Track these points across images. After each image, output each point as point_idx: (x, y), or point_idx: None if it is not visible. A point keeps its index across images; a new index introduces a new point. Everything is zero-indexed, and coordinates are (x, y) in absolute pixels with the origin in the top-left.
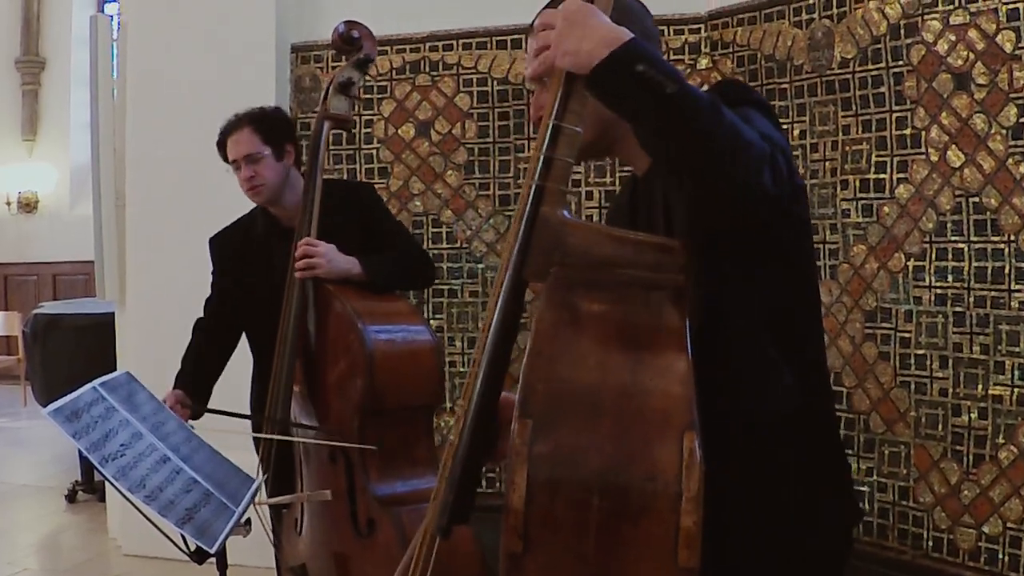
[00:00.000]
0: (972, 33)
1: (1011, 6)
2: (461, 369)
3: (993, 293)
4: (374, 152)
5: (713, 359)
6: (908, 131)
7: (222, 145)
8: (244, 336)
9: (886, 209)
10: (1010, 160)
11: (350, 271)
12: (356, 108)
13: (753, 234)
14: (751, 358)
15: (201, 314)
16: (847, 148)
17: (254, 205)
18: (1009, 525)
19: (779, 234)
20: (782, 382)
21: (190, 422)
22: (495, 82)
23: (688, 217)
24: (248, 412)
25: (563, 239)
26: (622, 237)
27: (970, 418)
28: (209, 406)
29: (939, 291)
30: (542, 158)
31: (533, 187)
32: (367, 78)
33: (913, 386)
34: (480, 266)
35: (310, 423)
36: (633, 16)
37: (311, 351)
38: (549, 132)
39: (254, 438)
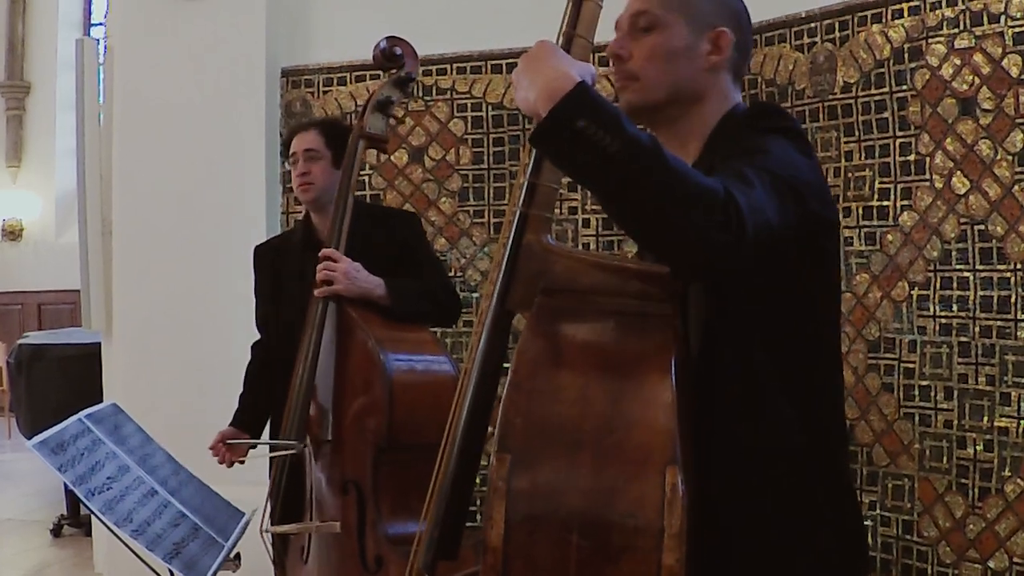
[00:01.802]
0: (977, 57)
1: (1017, 29)
2: None
3: (999, 323)
4: (367, 179)
5: (710, 387)
6: (912, 157)
7: (288, 142)
8: None
9: (890, 237)
10: (1016, 187)
11: (372, 291)
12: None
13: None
14: (747, 388)
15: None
16: (850, 175)
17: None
18: (1016, 560)
19: (778, 268)
20: (781, 415)
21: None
22: (490, 107)
23: None
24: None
25: (547, 267)
26: (607, 264)
27: (976, 450)
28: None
29: (944, 321)
30: (525, 184)
31: (517, 214)
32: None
33: (917, 418)
34: (475, 295)
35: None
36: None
37: (328, 376)
38: (532, 160)
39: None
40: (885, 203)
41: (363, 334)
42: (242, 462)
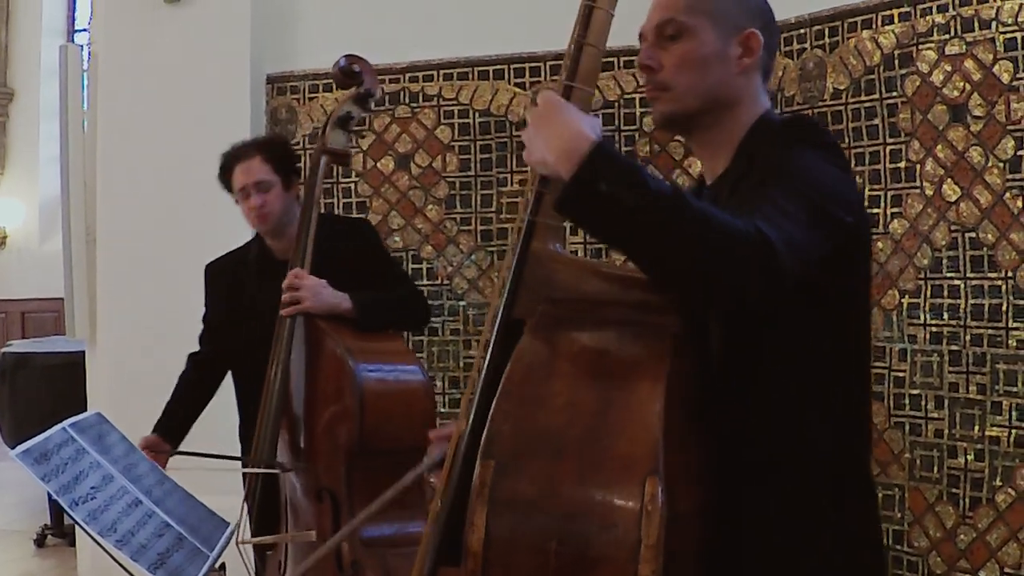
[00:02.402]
0: (968, 63)
1: (1008, 35)
2: (442, 410)
3: (990, 331)
4: (352, 186)
5: (732, 397)
6: (902, 164)
7: (227, 171)
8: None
9: (880, 245)
10: (1007, 194)
11: (338, 306)
12: (355, 143)
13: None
14: (771, 397)
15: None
16: None
17: (228, 236)
18: (1006, 571)
19: (807, 287)
20: (807, 425)
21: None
22: (477, 114)
23: None
24: (234, 452)
25: (552, 275)
26: (611, 274)
27: (966, 460)
28: (191, 448)
29: (934, 329)
30: (534, 192)
31: (524, 222)
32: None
33: (908, 427)
34: (462, 303)
35: (293, 463)
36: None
37: (300, 388)
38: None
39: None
40: (875, 210)
41: (333, 343)
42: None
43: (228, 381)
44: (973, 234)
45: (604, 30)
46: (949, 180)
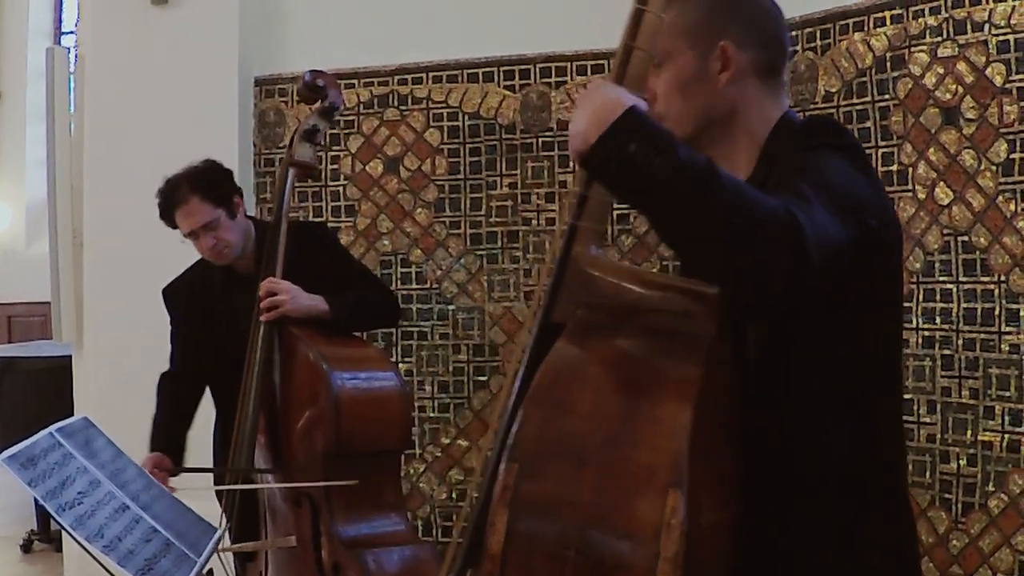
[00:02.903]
0: (961, 66)
1: (1001, 38)
2: (431, 414)
3: (983, 335)
4: (341, 189)
5: (757, 405)
6: (895, 167)
7: (168, 216)
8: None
9: None
10: (1000, 197)
11: (315, 307)
12: (322, 156)
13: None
14: (805, 402)
15: (163, 364)
16: None
17: None
18: None
19: (832, 286)
20: (838, 431)
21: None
22: (466, 117)
23: None
24: (211, 464)
25: (592, 280)
26: (652, 281)
27: (959, 465)
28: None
29: (927, 333)
30: (577, 195)
31: (568, 225)
32: (332, 125)
33: None
34: (451, 307)
35: (271, 470)
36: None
37: (275, 396)
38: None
39: (217, 479)
40: None
41: (306, 349)
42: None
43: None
44: (966, 238)
45: (654, 33)
46: (942, 183)
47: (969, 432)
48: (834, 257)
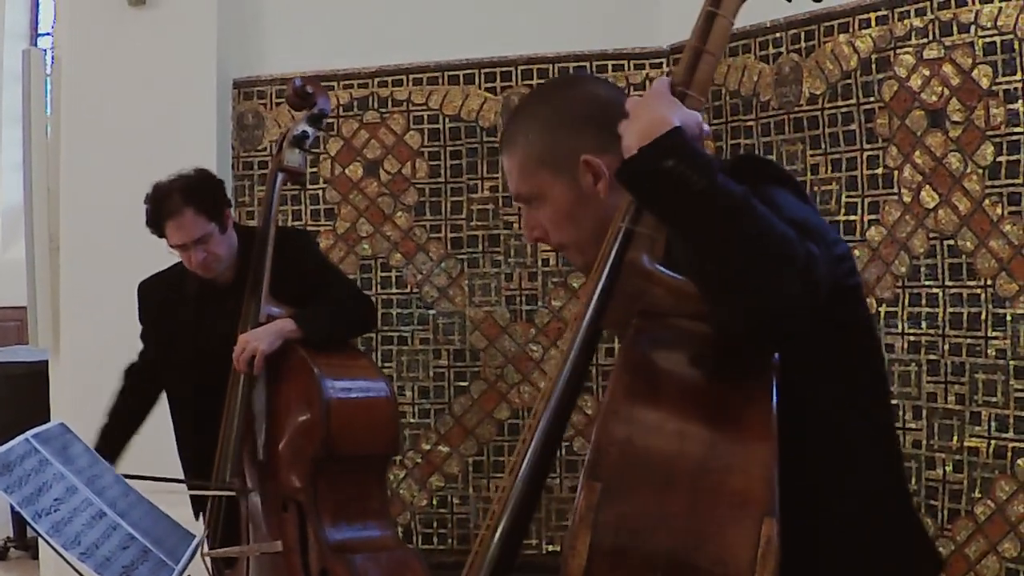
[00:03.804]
0: (947, 68)
1: (988, 40)
2: (412, 420)
3: (969, 340)
4: (320, 193)
5: (793, 433)
6: (880, 170)
7: (157, 225)
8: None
9: (857, 252)
10: (987, 201)
11: (283, 331)
12: (309, 161)
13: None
14: (832, 433)
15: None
16: (816, 188)
17: None
18: None
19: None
20: (861, 458)
21: None
22: (447, 119)
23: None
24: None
25: (648, 289)
26: None
27: (945, 471)
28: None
29: (912, 338)
30: (633, 200)
31: (622, 229)
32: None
33: None
34: (431, 312)
35: (253, 474)
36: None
37: (261, 400)
38: None
39: (192, 498)
40: (852, 217)
41: (298, 354)
42: None
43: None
44: (952, 241)
45: (724, 38)
46: (927, 186)
47: (955, 438)
48: (826, 288)
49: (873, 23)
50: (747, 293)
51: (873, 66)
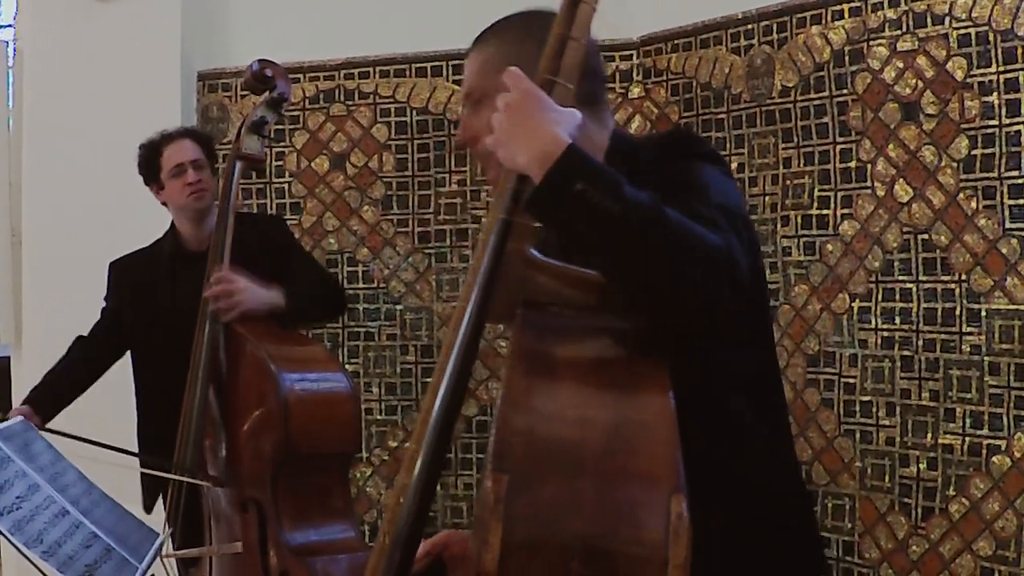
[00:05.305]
0: (921, 60)
1: (962, 31)
2: (379, 417)
3: (943, 336)
4: (286, 186)
5: (690, 409)
6: (853, 164)
7: (155, 154)
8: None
9: (829, 247)
10: (961, 195)
11: (274, 301)
12: (269, 148)
13: None
14: (723, 418)
15: (118, 365)
16: (788, 182)
17: (159, 236)
18: None
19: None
20: (756, 446)
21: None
22: (414, 112)
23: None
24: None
25: (529, 279)
26: (591, 281)
27: (919, 469)
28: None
29: (886, 334)
30: (510, 190)
31: (500, 220)
32: (280, 116)
33: (858, 435)
34: (399, 307)
35: (215, 470)
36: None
37: (220, 395)
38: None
39: (162, 485)
40: (825, 211)
41: (254, 348)
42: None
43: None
44: (926, 236)
45: (588, 24)
46: (901, 180)
47: (929, 435)
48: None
49: (846, 15)
50: (676, 301)
51: (846, 58)
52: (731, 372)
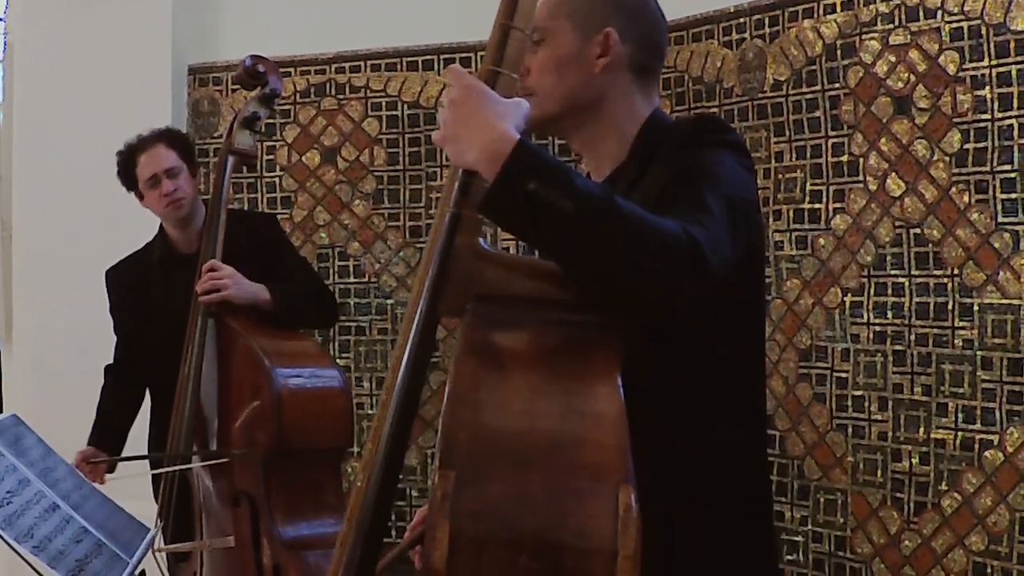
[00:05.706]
0: (913, 54)
1: (955, 25)
2: (369, 411)
3: (935, 330)
4: (277, 180)
5: (651, 401)
6: (845, 158)
7: (131, 164)
8: None
9: (821, 241)
10: (953, 189)
11: (257, 296)
12: (261, 143)
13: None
14: (687, 406)
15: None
16: (780, 176)
17: (152, 235)
18: None
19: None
20: (722, 434)
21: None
22: (405, 106)
23: None
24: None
25: (480, 272)
26: (545, 270)
27: (911, 463)
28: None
29: (878, 328)
30: (459, 182)
31: (448, 214)
32: (272, 112)
33: (850, 429)
34: (389, 302)
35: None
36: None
37: (212, 390)
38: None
39: (153, 478)
40: (817, 206)
41: (247, 342)
42: (102, 482)
43: None
44: (918, 230)
45: (531, 13)
46: (893, 174)
47: (921, 430)
48: (727, 270)
49: (838, 8)
50: (632, 292)
51: (838, 52)
52: (697, 364)
